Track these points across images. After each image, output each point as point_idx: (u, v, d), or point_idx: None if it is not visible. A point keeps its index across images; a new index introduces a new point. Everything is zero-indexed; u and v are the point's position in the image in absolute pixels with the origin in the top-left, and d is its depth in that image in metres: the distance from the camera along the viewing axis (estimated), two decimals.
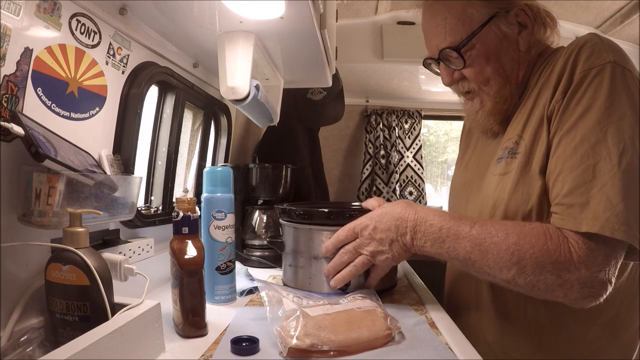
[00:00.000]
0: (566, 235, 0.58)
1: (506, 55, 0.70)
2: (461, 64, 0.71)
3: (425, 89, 2.33)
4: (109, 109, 0.77)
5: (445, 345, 0.61)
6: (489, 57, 0.69)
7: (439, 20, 0.71)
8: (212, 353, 0.58)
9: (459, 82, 0.74)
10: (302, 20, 0.78)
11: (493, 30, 0.68)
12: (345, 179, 2.47)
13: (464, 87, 0.74)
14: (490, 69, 0.70)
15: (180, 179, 1.21)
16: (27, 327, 0.57)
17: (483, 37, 0.68)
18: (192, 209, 0.69)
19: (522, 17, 0.69)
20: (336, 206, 0.95)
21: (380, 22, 2.01)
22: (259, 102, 0.90)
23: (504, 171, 0.68)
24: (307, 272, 0.86)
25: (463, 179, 0.86)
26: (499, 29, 0.68)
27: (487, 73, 0.70)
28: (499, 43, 0.69)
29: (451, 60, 0.72)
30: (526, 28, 0.70)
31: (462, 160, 0.91)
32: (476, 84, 0.72)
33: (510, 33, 0.69)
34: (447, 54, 0.71)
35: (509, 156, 0.68)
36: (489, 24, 0.68)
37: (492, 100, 0.72)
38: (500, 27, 0.68)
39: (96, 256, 0.56)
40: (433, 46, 0.74)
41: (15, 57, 0.55)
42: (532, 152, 0.64)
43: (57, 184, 0.56)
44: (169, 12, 0.78)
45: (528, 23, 0.70)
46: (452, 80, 0.75)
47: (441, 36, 0.71)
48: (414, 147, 2.40)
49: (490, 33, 0.68)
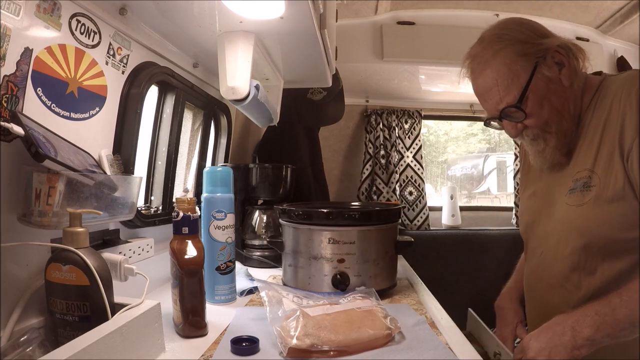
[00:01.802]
0: None
1: (555, 95, 0.77)
2: (522, 117, 0.78)
3: (425, 89, 2.32)
4: (109, 109, 0.77)
5: (445, 345, 0.61)
6: (542, 102, 0.76)
7: (490, 83, 0.79)
8: (212, 353, 0.58)
9: (523, 131, 0.81)
10: (302, 20, 0.78)
11: (539, 79, 0.76)
12: (345, 179, 2.47)
13: (528, 135, 0.81)
14: (546, 112, 0.77)
15: (180, 179, 1.21)
16: (27, 327, 0.57)
17: (533, 87, 0.76)
18: (192, 209, 0.69)
19: (558, 58, 0.77)
20: (336, 206, 0.95)
21: (380, 22, 2.01)
22: (259, 102, 0.90)
23: (580, 202, 0.74)
24: (306, 272, 0.86)
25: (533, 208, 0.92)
26: (543, 75, 0.76)
27: (544, 116, 0.77)
28: (546, 87, 0.76)
29: (512, 115, 0.79)
30: (564, 66, 0.77)
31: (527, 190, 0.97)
32: (539, 129, 0.79)
33: (553, 75, 0.76)
34: (508, 112, 0.78)
35: (583, 189, 0.74)
36: (535, 74, 0.75)
37: (555, 137, 0.78)
38: (544, 74, 0.76)
39: (96, 256, 0.56)
40: (491, 107, 0.82)
41: (15, 57, 0.55)
42: (607, 185, 0.70)
43: (57, 184, 0.56)
44: (169, 12, 0.78)
45: (565, 61, 0.77)
46: (517, 131, 0.81)
47: (497, 98, 0.79)
48: (414, 147, 2.40)
49: (538, 82, 0.76)
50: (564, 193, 0.79)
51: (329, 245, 0.84)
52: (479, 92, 0.84)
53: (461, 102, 2.42)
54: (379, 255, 0.87)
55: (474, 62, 0.81)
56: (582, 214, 0.74)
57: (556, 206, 0.81)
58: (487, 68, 0.78)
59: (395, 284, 0.94)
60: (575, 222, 0.75)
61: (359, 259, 0.84)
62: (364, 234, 0.85)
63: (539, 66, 0.75)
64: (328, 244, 0.84)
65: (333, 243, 0.84)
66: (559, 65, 0.77)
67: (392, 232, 0.91)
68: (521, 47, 0.76)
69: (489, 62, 0.78)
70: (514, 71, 0.76)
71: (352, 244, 0.84)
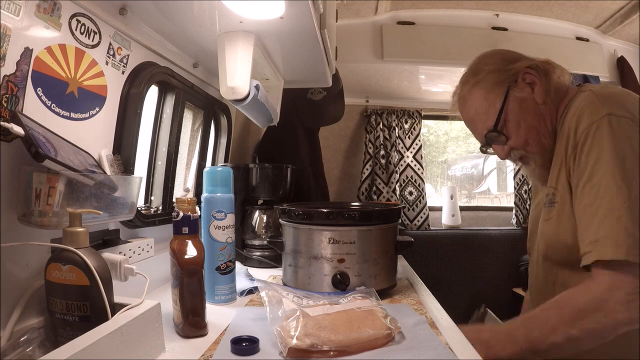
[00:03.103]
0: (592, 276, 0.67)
1: (529, 114, 0.81)
2: (504, 139, 0.84)
3: (425, 89, 2.33)
4: (109, 109, 0.77)
5: (445, 345, 0.61)
6: (519, 123, 0.82)
7: (472, 114, 0.87)
8: (212, 353, 0.58)
9: (511, 153, 0.86)
10: (302, 20, 0.78)
11: (512, 101, 0.81)
12: (345, 179, 2.47)
13: (515, 156, 0.86)
14: (523, 132, 0.82)
15: (180, 179, 1.21)
16: (27, 327, 0.57)
17: (507, 110, 0.82)
18: (192, 209, 0.69)
19: (530, 78, 0.82)
20: (336, 206, 0.95)
21: (380, 22, 2.01)
22: (259, 102, 0.90)
23: (548, 217, 0.81)
24: (306, 272, 0.86)
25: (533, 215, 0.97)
26: (515, 97, 0.81)
27: (522, 136, 0.82)
28: (520, 108, 0.81)
29: (495, 140, 0.85)
30: (536, 84, 0.82)
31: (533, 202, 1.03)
32: (522, 149, 0.84)
33: (526, 95, 0.82)
34: (491, 137, 0.85)
35: (549, 205, 0.80)
36: (507, 97, 0.81)
37: (539, 155, 0.83)
38: (515, 96, 0.81)
39: (96, 256, 0.56)
40: (478, 135, 0.89)
41: (15, 57, 0.55)
42: (564, 201, 0.76)
43: (57, 184, 0.56)
44: (169, 12, 0.78)
45: (535, 80, 0.82)
46: (505, 153, 0.87)
47: (480, 126, 0.86)
48: (414, 147, 2.40)
49: (511, 104, 0.82)
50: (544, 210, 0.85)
51: (329, 245, 0.84)
52: (467, 124, 0.93)
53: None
54: (379, 255, 0.87)
55: (458, 100, 0.90)
56: (549, 228, 0.80)
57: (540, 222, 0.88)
58: (467, 102, 0.88)
59: (395, 284, 0.94)
60: (544, 234, 0.82)
61: (359, 259, 0.84)
62: (364, 234, 0.85)
63: (511, 89, 0.82)
64: (328, 243, 0.84)
65: (333, 243, 0.84)
66: (530, 85, 0.82)
67: (392, 232, 0.91)
68: (494, 76, 0.84)
69: (467, 97, 0.87)
70: (490, 100, 0.83)
71: (352, 243, 0.84)
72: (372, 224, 0.87)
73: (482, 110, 0.84)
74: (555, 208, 0.78)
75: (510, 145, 0.85)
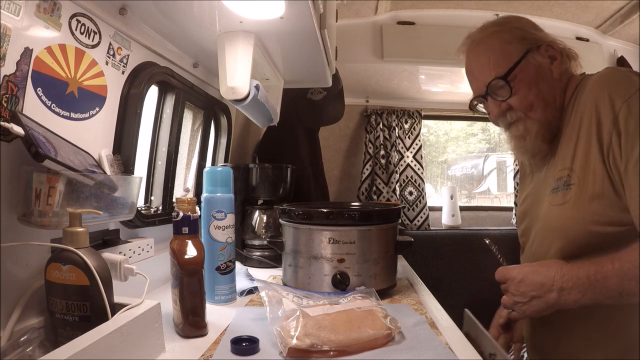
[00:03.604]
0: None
1: (543, 82, 0.79)
2: (507, 94, 0.79)
3: (425, 89, 2.32)
4: (109, 109, 0.77)
5: (445, 345, 0.61)
6: (530, 85, 0.78)
7: (483, 60, 0.82)
8: (212, 353, 0.58)
9: (507, 112, 0.82)
10: (302, 20, 0.78)
11: (530, 62, 0.78)
12: (345, 179, 2.47)
13: (511, 117, 0.82)
14: (532, 95, 0.78)
15: (180, 179, 1.21)
16: (27, 327, 0.57)
17: (523, 67, 0.78)
18: (192, 209, 0.69)
19: (551, 52, 0.80)
20: (336, 206, 0.95)
21: (380, 22, 2.01)
22: (259, 102, 0.90)
23: (561, 201, 0.75)
24: (306, 272, 0.86)
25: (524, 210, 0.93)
26: (534, 59, 0.78)
27: (530, 99, 0.78)
28: (536, 72, 0.78)
29: (497, 92, 0.80)
30: (556, 59, 0.80)
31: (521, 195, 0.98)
32: (522, 111, 0.80)
33: (545, 63, 0.79)
34: (494, 85, 0.79)
35: (564, 188, 0.75)
36: (527, 56, 0.78)
37: (538, 123, 0.79)
38: (535, 58, 0.78)
39: (96, 256, 0.56)
40: (480, 84, 0.83)
41: (15, 57, 0.55)
42: (585, 183, 0.71)
43: (57, 184, 0.56)
44: (169, 12, 0.78)
45: (557, 55, 0.80)
46: (500, 111, 0.82)
47: (487, 73, 0.80)
48: (414, 147, 2.40)
49: (528, 64, 0.78)
50: (548, 193, 0.80)
51: (329, 245, 0.84)
52: (470, 68, 0.86)
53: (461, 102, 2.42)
54: (379, 255, 0.87)
55: (471, 41, 0.85)
56: (563, 213, 0.74)
57: (542, 206, 0.83)
58: (482, 45, 0.82)
59: (395, 284, 0.94)
60: (557, 221, 0.76)
61: (359, 259, 0.84)
62: (364, 233, 0.85)
63: (532, 52, 0.79)
64: (328, 243, 0.84)
65: (333, 243, 0.84)
66: (550, 59, 0.80)
67: (392, 232, 0.91)
68: (518, 32, 0.80)
69: (484, 40, 0.82)
70: (507, 51, 0.79)
71: (352, 243, 0.84)
72: (372, 224, 0.87)
73: (495, 58, 0.80)
74: (572, 190, 0.73)
75: (512, 104, 0.80)
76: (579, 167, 0.73)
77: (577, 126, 0.74)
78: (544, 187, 0.83)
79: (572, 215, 0.73)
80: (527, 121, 0.80)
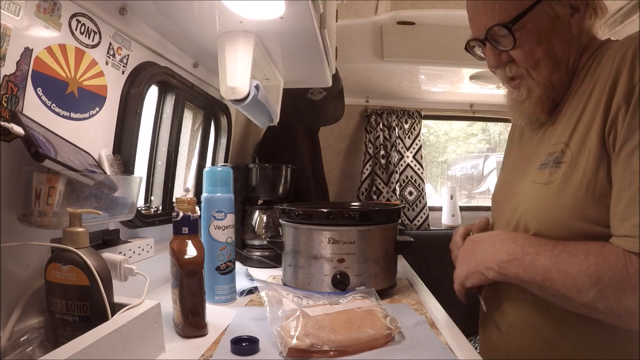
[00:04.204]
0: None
1: (558, 37, 0.65)
2: (510, 44, 0.66)
3: (425, 89, 2.32)
4: (109, 109, 0.77)
5: (445, 345, 0.61)
6: (540, 38, 0.65)
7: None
8: (212, 353, 0.58)
9: (506, 65, 0.70)
10: (302, 20, 0.78)
11: (545, 10, 0.64)
12: (345, 179, 2.47)
13: (511, 72, 0.70)
14: (541, 51, 0.65)
15: (180, 179, 1.21)
16: (27, 327, 0.57)
17: (535, 16, 0.64)
18: (192, 209, 0.69)
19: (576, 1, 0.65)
20: (336, 206, 0.95)
21: (380, 22, 2.01)
22: (259, 102, 0.90)
23: (547, 180, 0.64)
24: (306, 272, 0.86)
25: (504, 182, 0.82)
26: (552, 8, 0.64)
27: (537, 55, 0.66)
28: (551, 23, 0.65)
29: (499, 40, 0.67)
30: (578, 11, 0.66)
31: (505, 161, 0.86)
32: (525, 68, 0.68)
33: (563, 14, 0.65)
34: (496, 33, 0.67)
35: (553, 165, 0.64)
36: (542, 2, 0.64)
37: (541, 86, 0.68)
38: (553, 7, 0.64)
39: (96, 256, 0.56)
40: (480, 26, 0.69)
41: (15, 57, 0.55)
42: (578, 163, 0.60)
43: (57, 184, 0.56)
44: (169, 12, 0.78)
45: (581, 6, 0.66)
46: (499, 62, 0.70)
47: (490, 15, 0.66)
48: (414, 147, 2.40)
49: (543, 12, 0.64)
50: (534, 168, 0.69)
51: (329, 245, 0.84)
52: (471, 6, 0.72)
53: (461, 102, 2.42)
54: (379, 255, 0.87)
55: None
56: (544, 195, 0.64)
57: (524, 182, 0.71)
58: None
59: (395, 284, 0.94)
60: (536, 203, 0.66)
61: (359, 259, 0.84)
62: (364, 233, 0.85)
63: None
64: (328, 243, 0.84)
65: (333, 243, 0.84)
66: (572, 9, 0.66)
67: (392, 232, 0.91)
68: None
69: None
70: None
71: (352, 243, 0.84)
72: (372, 224, 0.87)
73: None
74: (561, 169, 0.62)
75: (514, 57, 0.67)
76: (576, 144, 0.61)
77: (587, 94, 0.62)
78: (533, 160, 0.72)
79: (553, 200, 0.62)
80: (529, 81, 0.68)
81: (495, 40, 0.68)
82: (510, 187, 0.76)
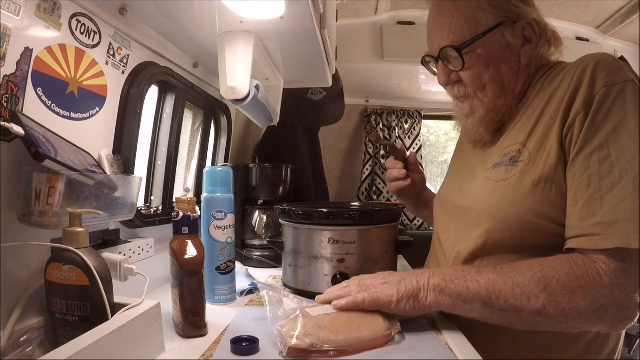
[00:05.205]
0: (594, 260, 0.55)
1: (506, 65, 0.69)
2: (460, 65, 0.70)
3: (425, 89, 2.33)
4: (109, 109, 0.77)
5: (445, 345, 0.61)
6: (488, 63, 0.69)
7: (445, 18, 0.71)
8: (212, 353, 0.58)
9: (455, 84, 0.74)
10: (302, 20, 0.78)
11: (497, 38, 0.68)
12: (345, 179, 2.47)
13: (459, 91, 0.74)
14: (488, 76, 0.69)
15: (180, 179, 1.21)
16: (27, 327, 0.57)
17: (486, 42, 0.68)
18: (192, 209, 0.69)
19: (528, 31, 0.69)
20: (336, 206, 0.95)
21: (380, 22, 2.01)
22: (259, 102, 0.90)
23: (503, 178, 0.66)
24: (306, 272, 0.86)
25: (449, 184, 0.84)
26: (503, 37, 0.68)
27: (484, 79, 0.70)
28: (501, 51, 0.68)
29: (450, 60, 0.71)
30: (530, 42, 0.70)
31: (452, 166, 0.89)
32: (472, 89, 0.71)
33: (514, 44, 0.69)
34: (447, 53, 0.70)
35: (510, 163, 0.66)
36: (495, 30, 0.68)
37: (485, 108, 0.71)
38: (505, 36, 0.68)
39: (96, 256, 0.56)
40: (435, 44, 0.73)
41: (15, 57, 0.55)
42: (536, 162, 0.63)
43: (57, 184, 0.56)
44: (169, 12, 0.78)
45: (533, 38, 0.70)
46: (449, 80, 0.74)
47: (444, 35, 0.70)
48: (414, 147, 2.40)
49: (494, 40, 0.68)
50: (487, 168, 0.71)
51: (329, 245, 0.84)
52: (430, 24, 0.75)
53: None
54: (379, 255, 0.87)
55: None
56: (499, 191, 0.65)
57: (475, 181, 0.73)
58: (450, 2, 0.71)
59: None
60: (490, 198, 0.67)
61: (359, 259, 0.84)
62: (364, 233, 0.85)
63: (504, 26, 0.68)
64: (328, 243, 0.84)
65: (333, 243, 0.84)
66: (525, 39, 0.69)
67: (392, 232, 0.91)
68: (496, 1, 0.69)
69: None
70: (476, 16, 0.68)
71: (352, 243, 0.84)
72: (372, 224, 0.87)
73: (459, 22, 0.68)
74: (517, 167, 0.64)
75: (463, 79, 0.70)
76: (534, 144, 0.64)
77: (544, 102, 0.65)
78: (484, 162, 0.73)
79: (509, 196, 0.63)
80: (474, 101, 0.72)
81: (447, 60, 0.71)
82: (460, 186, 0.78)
